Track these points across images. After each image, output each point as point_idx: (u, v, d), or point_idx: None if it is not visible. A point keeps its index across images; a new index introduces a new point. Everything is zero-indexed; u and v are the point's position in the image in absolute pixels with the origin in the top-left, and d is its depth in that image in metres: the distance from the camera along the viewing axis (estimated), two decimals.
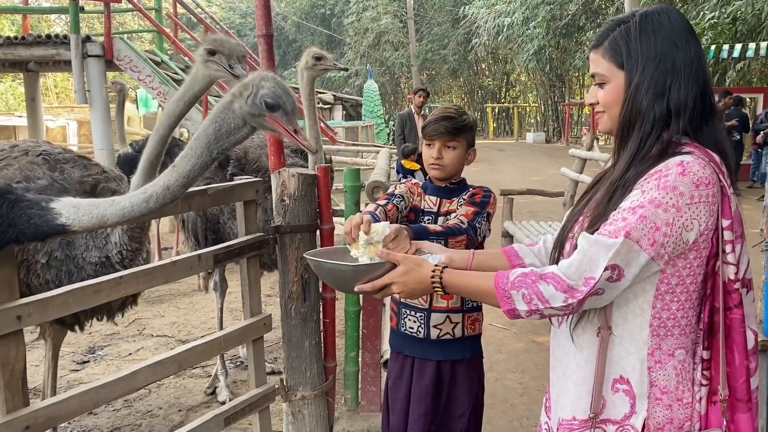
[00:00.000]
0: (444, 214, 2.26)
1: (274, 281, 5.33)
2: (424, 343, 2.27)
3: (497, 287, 1.41)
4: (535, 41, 25.28)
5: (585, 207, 1.57)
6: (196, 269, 2.27)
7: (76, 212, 1.67)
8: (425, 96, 8.49)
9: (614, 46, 1.44)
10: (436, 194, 2.32)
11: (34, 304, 1.74)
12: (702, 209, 1.33)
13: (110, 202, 1.71)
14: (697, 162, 1.34)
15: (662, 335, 1.41)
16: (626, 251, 1.32)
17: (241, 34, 33.68)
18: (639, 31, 1.42)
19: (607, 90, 1.47)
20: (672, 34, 1.41)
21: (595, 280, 1.33)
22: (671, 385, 1.41)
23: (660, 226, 1.31)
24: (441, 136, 2.23)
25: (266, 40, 2.69)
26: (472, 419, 2.33)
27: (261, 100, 1.72)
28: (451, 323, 2.25)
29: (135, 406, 3.76)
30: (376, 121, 17.65)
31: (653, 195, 1.32)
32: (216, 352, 2.56)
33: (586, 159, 6.07)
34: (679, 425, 1.41)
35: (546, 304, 1.36)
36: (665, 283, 1.39)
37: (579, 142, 21.35)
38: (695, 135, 1.39)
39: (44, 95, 18.03)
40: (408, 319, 2.28)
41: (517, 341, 4.73)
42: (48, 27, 23.39)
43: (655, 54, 1.40)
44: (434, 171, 2.28)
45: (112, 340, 4.87)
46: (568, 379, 1.52)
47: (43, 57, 8.54)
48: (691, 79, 1.40)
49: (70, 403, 1.84)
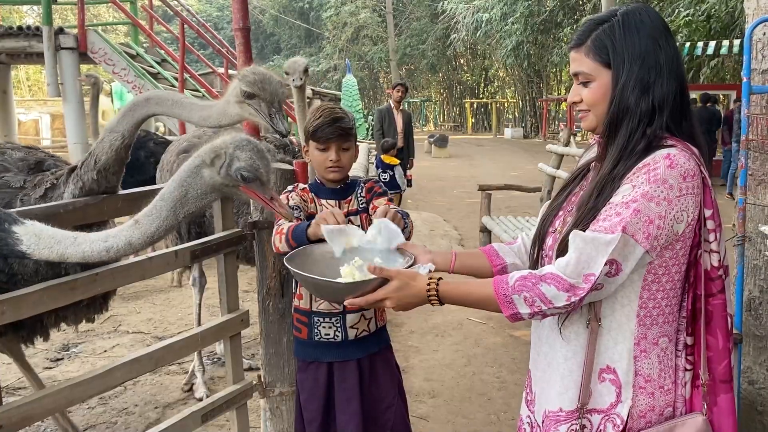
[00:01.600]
0: (345, 215, 2.13)
1: (252, 277, 5.30)
2: (342, 346, 2.22)
3: (498, 293, 1.42)
4: (513, 37, 25.41)
5: (565, 201, 1.59)
6: (172, 265, 2.25)
7: (36, 242, 1.62)
8: (404, 91, 8.50)
9: (599, 45, 1.46)
10: (333, 197, 2.25)
11: (7, 302, 1.71)
12: (690, 200, 1.37)
13: (71, 240, 1.65)
14: (681, 154, 1.38)
15: (648, 324, 1.45)
16: (623, 246, 1.34)
17: (218, 27, 33.34)
18: (623, 29, 1.44)
19: (593, 88, 1.48)
20: (653, 32, 1.44)
21: (595, 277, 1.35)
22: (654, 373, 1.45)
23: (653, 219, 1.35)
24: (337, 139, 2.16)
25: (243, 34, 2.68)
26: (399, 408, 2.31)
27: (237, 173, 1.62)
28: (365, 319, 2.23)
29: (110, 403, 3.72)
30: (355, 115, 17.59)
31: (645, 189, 1.35)
32: (193, 348, 2.55)
33: (563, 155, 6.13)
34: (660, 411, 1.45)
35: (549, 305, 1.38)
36: (652, 274, 1.42)
37: (556, 138, 21.55)
38: (676, 129, 1.44)
39: (16, 88, 17.69)
40: (322, 327, 2.21)
41: (494, 336, 4.76)
42: (20, 18, 22.91)
43: (639, 52, 1.43)
44: (333, 174, 2.20)
45: (86, 337, 4.80)
46: (554, 371, 1.53)
47: (15, 49, 8.37)
48: (672, 75, 1.44)
49: (44, 401, 1.82)
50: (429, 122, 38.33)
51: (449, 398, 3.76)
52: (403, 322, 5.05)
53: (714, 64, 15.42)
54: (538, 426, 1.58)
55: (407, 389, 3.84)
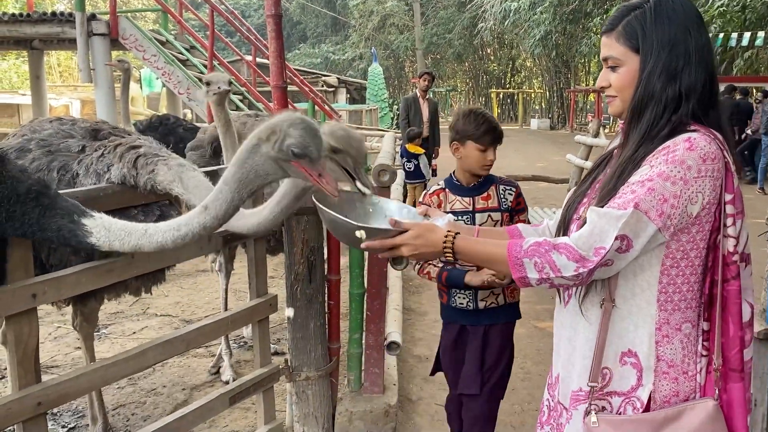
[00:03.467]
0: (480, 210, 2.52)
1: (277, 263, 5.35)
2: (472, 313, 2.58)
3: (510, 255, 1.44)
4: (541, 26, 25.09)
5: (589, 188, 1.60)
6: (205, 249, 2.29)
7: (107, 235, 1.67)
8: (430, 80, 8.45)
9: (629, 31, 1.48)
10: (467, 194, 2.55)
11: (48, 283, 1.76)
12: (707, 183, 1.38)
13: (142, 231, 1.70)
14: (703, 138, 1.39)
15: (670, 309, 1.46)
16: (635, 222, 1.36)
17: (245, 15, 33.44)
18: (654, 16, 1.45)
19: (621, 73, 1.50)
20: (685, 20, 1.45)
21: (605, 251, 1.36)
22: (678, 359, 1.46)
23: (668, 198, 1.36)
24: (495, 142, 2.51)
25: (275, 20, 2.67)
26: (506, 371, 2.71)
27: (288, 149, 1.68)
28: (494, 294, 2.56)
29: (139, 384, 3.80)
30: (381, 104, 17.60)
31: (662, 169, 1.37)
32: (223, 331, 2.59)
33: (592, 146, 6.06)
34: (685, 397, 1.46)
35: (557, 273, 1.39)
36: (670, 258, 1.43)
37: (584, 129, 21.29)
38: (703, 118, 1.45)
39: (48, 74, 17.96)
40: (458, 297, 2.57)
41: (519, 327, 4.69)
42: (51, 4, 23.24)
43: (669, 39, 1.44)
44: (485, 171, 2.53)
45: (116, 319, 4.90)
46: (576, 353, 1.56)
47: (48, 35, 8.53)
48: (701, 64, 1.45)
49: (80, 380, 1.87)
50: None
51: None
52: (427, 311, 5.06)
53: (748, 55, 15.09)
54: (555, 407, 1.62)
55: (431, 378, 3.85)
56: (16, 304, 1.70)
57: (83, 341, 2.89)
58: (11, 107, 16.85)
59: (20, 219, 1.62)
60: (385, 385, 3.17)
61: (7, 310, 1.70)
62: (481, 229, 1.79)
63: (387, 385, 3.20)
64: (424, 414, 3.46)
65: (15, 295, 1.70)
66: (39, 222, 1.63)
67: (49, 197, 1.67)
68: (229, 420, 3.32)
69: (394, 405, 3.09)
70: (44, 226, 1.64)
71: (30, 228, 1.63)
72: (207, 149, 3.75)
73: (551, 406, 1.65)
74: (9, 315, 1.71)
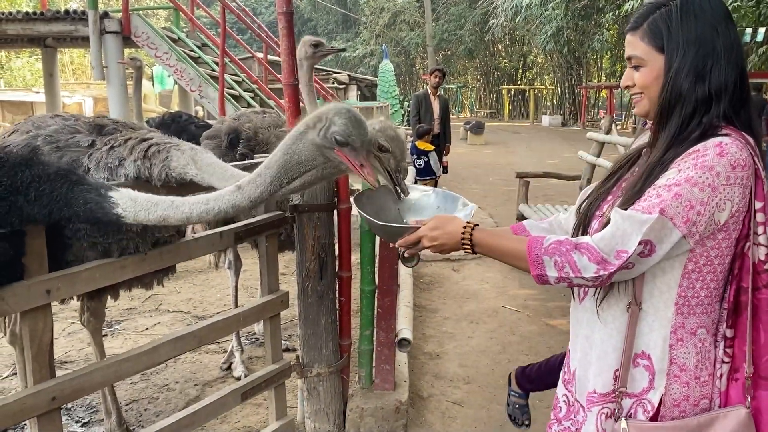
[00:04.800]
0: None
1: (288, 260, 5.37)
2: None
3: (530, 251, 1.43)
4: (553, 22, 24.95)
5: (615, 186, 1.58)
6: (217, 246, 2.30)
7: (133, 205, 1.70)
8: (441, 76, 8.42)
9: (654, 29, 1.45)
10: None
11: (62, 279, 1.78)
12: (736, 190, 1.35)
13: (169, 203, 1.74)
14: (734, 143, 1.35)
15: (686, 314, 1.44)
16: (660, 227, 1.33)
17: (256, 13, 33.52)
18: (681, 14, 1.42)
19: (644, 72, 1.47)
20: (712, 18, 1.42)
21: (627, 254, 1.34)
22: (690, 364, 1.45)
23: (694, 205, 1.33)
24: None
25: (286, 18, 2.67)
26: None
27: (332, 136, 1.74)
28: None
29: (152, 379, 3.83)
30: (391, 101, 17.56)
31: (690, 174, 1.34)
32: (234, 328, 2.61)
33: (604, 142, 6.03)
34: (695, 402, 1.45)
35: (577, 274, 1.38)
36: (693, 262, 1.41)
37: (596, 126, 21.16)
38: (735, 118, 1.41)
39: (61, 72, 18.10)
40: None
41: (530, 324, 4.74)
42: (65, 2, 23.41)
43: (695, 38, 1.41)
44: None
45: (129, 315, 4.94)
46: (593, 352, 1.55)
47: (62, 33, 8.58)
48: (731, 63, 1.42)
49: (94, 375, 1.89)
50: (465, 109, 38.01)
51: (484, 384, 3.76)
52: (437, 308, 5.06)
53: (763, 51, 14.91)
54: (574, 403, 1.62)
55: (442, 375, 3.87)
56: (32, 300, 1.72)
57: (92, 337, 2.91)
58: (25, 105, 17.04)
59: (48, 196, 1.65)
60: (396, 381, 3.17)
61: (23, 306, 1.72)
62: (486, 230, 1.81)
63: (398, 381, 3.21)
64: (435, 411, 3.46)
65: (30, 291, 1.72)
66: (66, 196, 1.66)
67: (77, 175, 1.72)
68: (240, 416, 3.34)
69: (405, 402, 3.09)
70: (71, 201, 1.66)
71: (57, 204, 1.66)
72: (223, 140, 3.76)
73: (569, 402, 1.65)
74: (24, 311, 1.73)
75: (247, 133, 3.73)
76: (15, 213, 1.63)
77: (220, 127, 3.89)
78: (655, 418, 1.46)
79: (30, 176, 1.64)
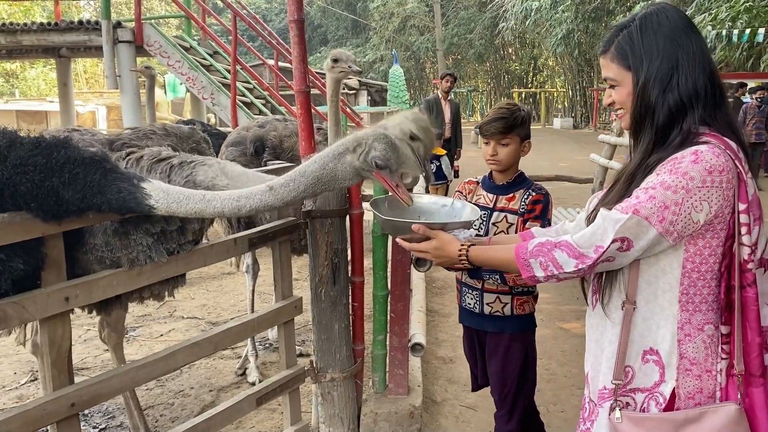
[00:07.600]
0: (499, 209, 2.49)
1: (301, 265, 5.39)
2: (478, 317, 2.58)
3: (518, 257, 1.59)
4: (563, 25, 24.91)
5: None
6: (231, 252, 2.32)
7: (165, 197, 1.75)
8: (452, 81, 8.44)
9: (620, 50, 1.57)
10: (492, 191, 2.55)
11: (80, 286, 1.80)
12: (714, 193, 1.44)
13: (201, 196, 1.79)
14: (711, 151, 1.44)
15: (691, 310, 1.52)
16: (635, 226, 1.46)
17: (267, 20, 33.73)
18: (641, 32, 1.54)
19: (619, 90, 1.60)
20: (671, 31, 1.52)
21: (603, 249, 1.49)
22: (701, 357, 1.52)
23: (669, 205, 1.44)
24: (494, 135, 2.46)
25: (297, 25, 2.69)
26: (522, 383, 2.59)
27: (372, 161, 1.86)
28: (501, 303, 2.52)
29: (167, 385, 3.86)
30: (402, 106, 17.54)
31: (664, 178, 1.45)
32: (249, 333, 2.62)
33: (615, 145, 6.01)
34: (709, 394, 1.52)
35: (560, 270, 1.54)
36: (690, 262, 1.50)
37: (607, 128, 21.06)
38: (711, 121, 1.50)
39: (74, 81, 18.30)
40: (467, 296, 2.59)
41: (544, 328, 4.72)
42: (77, 13, 23.68)
43: (657, 52, 1.52)
44: (492, 166, 2.53)
45: (143, 322, 4.98)
46: (603, 354, 1.64)
47: (75, 43, 8.69)
48: (697, 69, 1.51)
49: (112, 381, 1.92)
50: (475, 112, 37.97)
51: None
52: (450, 312, 5.06)
53: None
54: (591, 402, 1.70)
55: (455, 379, 3.87)
56: (51, 308, 1.75)
57: (113, 352, 2.94)
58: (40, 114, 17.23)
59: (82, 180, 1.68)
60: (409, 386, 3.18)
61: (42, 314, 1.74)
62: (493, 239, 2.02)
63: (411, 386, 3.21)
64: (449, 415, 3.47)
65: (50, 298, 1.74)
66: (100, 183, 1.69)
67: (110, 163, 1.75)
68: (255, 421, 3.36)
69: (418, 406, 3.10)
70: (104, 188, 1.70)
71: (90, 190, 1.69)
72: (249, 147, 3.80)
73: (586, 400, 1.74)
74: (43, 318, 1.76)
75: (272, 142, 3.75)
76: (52, 195, 1.66)
77: (246, 135, 3.91)
78: (669, 409, 1.53)
79: (65, 156, 1.68)
